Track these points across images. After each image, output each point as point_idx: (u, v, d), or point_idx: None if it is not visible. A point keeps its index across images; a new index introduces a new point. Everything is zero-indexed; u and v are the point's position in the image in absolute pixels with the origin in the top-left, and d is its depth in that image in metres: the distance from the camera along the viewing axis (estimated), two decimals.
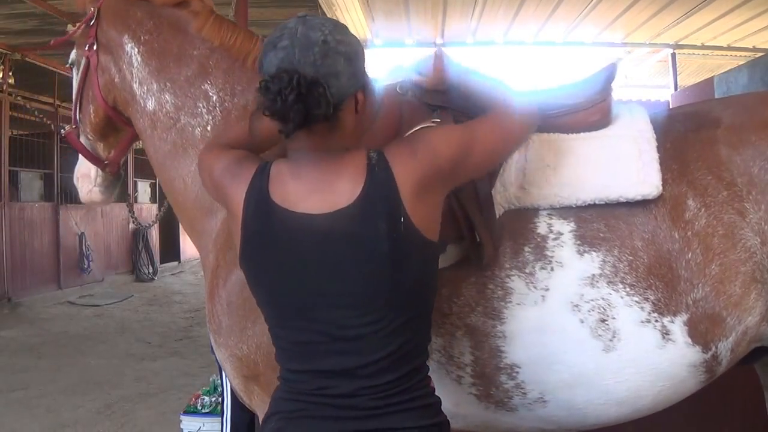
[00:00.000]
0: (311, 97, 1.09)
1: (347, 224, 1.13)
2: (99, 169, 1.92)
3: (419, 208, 1.15)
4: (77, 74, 1.90)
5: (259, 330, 1.48)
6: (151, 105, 1.74)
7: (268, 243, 1.17)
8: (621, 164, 1.46)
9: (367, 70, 1.22)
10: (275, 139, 1.28)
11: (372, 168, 1.16)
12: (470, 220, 1.43)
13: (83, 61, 1.86)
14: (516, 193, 1.47)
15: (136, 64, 1.75)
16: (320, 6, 5.90)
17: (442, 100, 1.54)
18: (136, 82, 1.76)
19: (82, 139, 1.90)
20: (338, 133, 1.17)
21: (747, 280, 1.40)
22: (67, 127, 1.94)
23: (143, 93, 1.75)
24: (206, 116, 1.69)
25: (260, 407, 1.57)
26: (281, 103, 1.08)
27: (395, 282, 1.14)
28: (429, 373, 1.44)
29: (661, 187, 1.43)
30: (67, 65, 1.97)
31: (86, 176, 1.96)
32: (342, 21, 5.81)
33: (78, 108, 1.89)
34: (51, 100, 9.61)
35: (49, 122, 7.76)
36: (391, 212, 1.13)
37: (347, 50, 1.15)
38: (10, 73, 8.41)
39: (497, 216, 1.45)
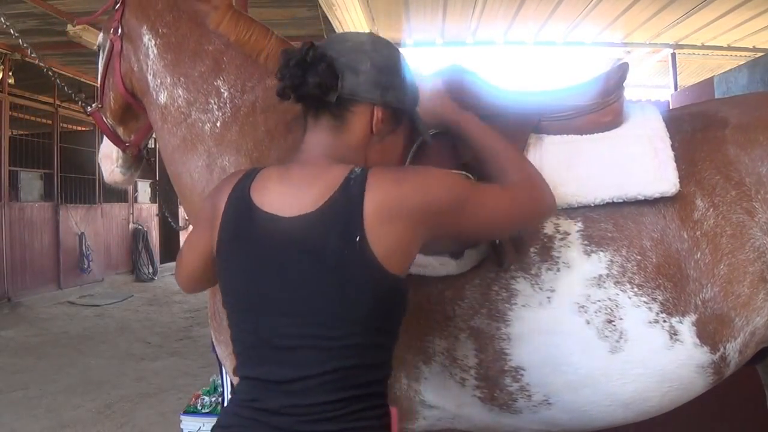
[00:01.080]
0: (312, 66, 1.12)
1: (304, 230, 1.11)
2: (120, 150, 1.95)
3: (384, 237, 1.08)
4: (103, 57, 1.94)
5: None
6: (163, 98, 1.75)
7: (237, 240, 1.16)
8: (637, 162, 1.45)
9: (406, 97, 1.22)
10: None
11: (347, 181, 1.12)
12: None
13: (107, 45, 1.89)
14: None
15: (152, 56, 1.77)
16: (320, 6, 5.89)
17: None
18: (150, 74, 1.77)
19: (106, 120, 1.94)
20: (344, 138, 1.18)
21: (755, 280, 1.39)
22: (93, 106, 1.95)
23: (156, 86, 1.76)
24: (216, 112, 1.69)
25: None
26: (286, 64, 1.15)
27: (340, 301, 1.09)
28: (427, 378, 1.41)
29: (678, 185, 1.41)
30: (95, 47, 2.00)
31: (108, 157, 1.99)
32: (342, 21, 5.73)
33: (102, 90, 1.93)
34: (51, 100, 9.61)
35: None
36: (347, 228, 1.08)
37: (379, 59, 1.17)
38: (10, 73, 8.41)
39: None
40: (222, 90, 1.70)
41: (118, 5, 1.84)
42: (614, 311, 1.39)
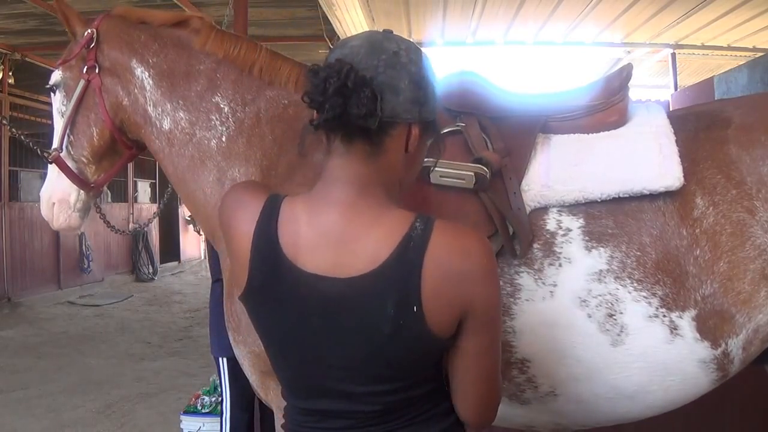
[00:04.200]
0: (355, 94, 0.97)
1: (355, 295, 1.02)
2: (81, 193, 1.89)
3: (438, 307, 1.01)
4: (65, 96, 1.87)
5: None
6: (167, 124, 1.77)
7: (273, 299, 1.06)
8: (643, 158, 1.48)
9: (435, 108, 1.10)
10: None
11: (407, 240, 1.01)
12: (503, 214, 1.45)
13: (80, 84, 1.83)
14: (540, 191, 1.49)
15: (148, 88, 1.78)
16: (320, 6, 5.89)
17: (466, 106, 1.57)
18: (150, 105, 1.78)
19: (69, 163, 1.86)
20: (380, 162, 1.05)
21: (756, 278, 1.41)
22: (53, 152, 1.85)
23: (158, 114, 1.78)
24: (220, 128, 1.73)
25: (275, 402, 1.60)
26: (322, 90, 0.98)
27: (394, 364, 1.04)
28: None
29: (682, 179, 1.44)
30: (48, 86, 1.91)
31: (64, 201, 1.89)
32: (342, 21, 5.74)
33: (69, 131, 1.84)
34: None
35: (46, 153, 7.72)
36: (405, 297, 1.00)
37: (417, 72, 1.04)
38: (10, 73, 8.41)
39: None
40: (222, 105, 1.73)
41: (93, 44, 1.82)
42: (615, 305, 1.42)
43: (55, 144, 1.86)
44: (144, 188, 12.49)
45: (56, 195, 1.89)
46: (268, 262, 1.05)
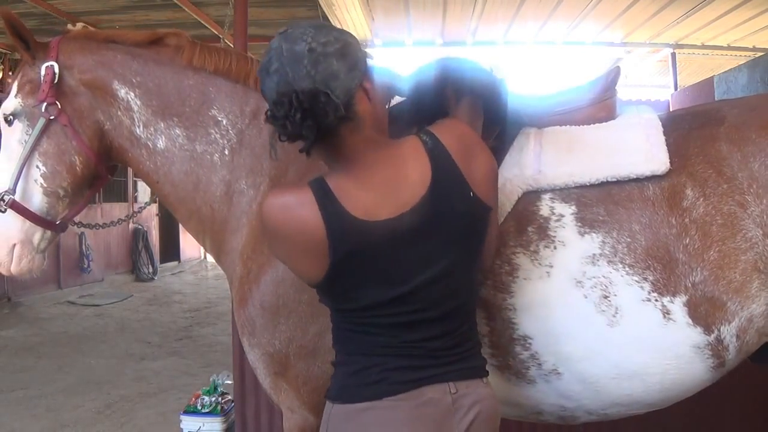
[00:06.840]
0: (317, 109, 1.11)
1: (426, 214, 1.20)
2: (46, 231, 1.75)
3: (475, 172, 1.24)
4: (30, 125, 1.73)
5: (292, 324, 1.56)
6: (162, 143, 1.74)
7: (362, 259, 1.20)
8: (630, 146, 1.56)
9: (364, 56, 1.23)
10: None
11: (431, 152, 1.22)
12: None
13: (40, 121, 1.71)
14: (533, 175, 1.57)
15: (136, 109, 1.74)
16: (320, 6, 5.90)
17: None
18: (138, 127, 1.75)
19: (34, 198, 1.73)
20: (364, 125, 1.21)
21: (748, 268, 1.46)
22: (6, 197, 1.69)
23: (150, 134, 1.75)
24: (221, 141, 1.72)
25: (287, 403, 1.63)
26: (291, 125, 1.12)
27: (470, 250, 1.27)
28: None
29: (669, 164, 1.51)
30: (5, 115, 1.75)
31: (26, 242, 1.72)
32: (342, 21, 5.73)
33: (40, 164, 1.72)
34: None
35: None
36: (461, 189, 1.22)
37: (336, 49, 1.17)
38: (10, 73, 8.42)
39: (516, 198, 1.56)
40: (219, 118, 1.72)
41: (56, 80, 1.72)
42: (608, 288, 1.49)
43: (7, 184, 1.71)
44: (144, 188, 12.48)
45: (19, 237, 1.72)
46: (348, 231, 1.18)
